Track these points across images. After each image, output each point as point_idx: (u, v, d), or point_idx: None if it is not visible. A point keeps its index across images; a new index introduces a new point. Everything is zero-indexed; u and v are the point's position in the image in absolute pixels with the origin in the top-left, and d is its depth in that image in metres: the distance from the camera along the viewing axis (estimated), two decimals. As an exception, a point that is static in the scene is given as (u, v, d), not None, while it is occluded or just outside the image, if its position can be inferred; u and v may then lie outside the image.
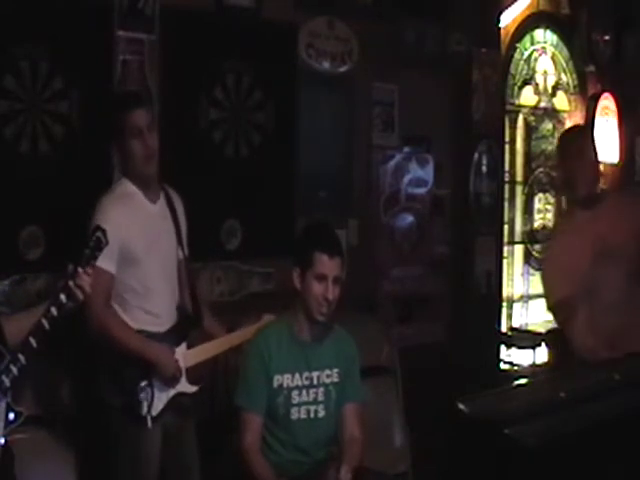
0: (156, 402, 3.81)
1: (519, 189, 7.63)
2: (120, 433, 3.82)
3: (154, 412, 3.80)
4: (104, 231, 3.16)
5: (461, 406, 1.92)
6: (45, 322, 3.05)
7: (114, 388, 3.76)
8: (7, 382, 3.03)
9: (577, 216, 4.43)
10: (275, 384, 3.84)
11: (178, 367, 3.89)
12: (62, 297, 3.07)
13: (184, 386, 3.95)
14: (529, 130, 7.69)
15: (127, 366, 3.74)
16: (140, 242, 3.81)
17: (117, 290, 3.80)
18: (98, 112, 4.38)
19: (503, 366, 7.03)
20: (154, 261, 3.88)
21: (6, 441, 3.09)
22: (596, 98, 7.98)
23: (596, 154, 4.46)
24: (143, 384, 3.77)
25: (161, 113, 4.57)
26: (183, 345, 3.95)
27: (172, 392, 3.89)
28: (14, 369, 3.04)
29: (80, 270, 3.08)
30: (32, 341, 3.04)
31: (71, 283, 3.07)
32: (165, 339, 3.89)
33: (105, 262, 3.57)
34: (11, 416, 3.08)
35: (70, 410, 3.95)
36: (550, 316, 7.50)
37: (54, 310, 3.06)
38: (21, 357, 3.03)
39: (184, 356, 3.94)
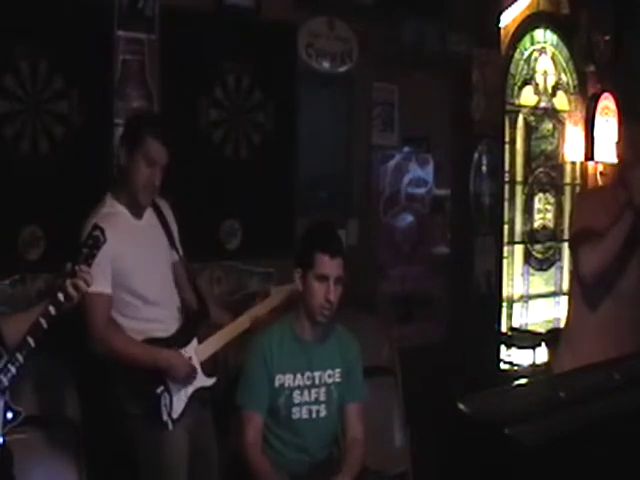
0: (176, 404, 3.82)
1: (519, 189, 7.63)
2: (143, 441, 3.82)
3: (175, 414, 3.81)
4: (102, 229, 3.16)
5: (461, 406, 1.92)
6: (43, 321, 3.06)
7: (131, 397, 3.76)
8: (5, 381, 3.05)
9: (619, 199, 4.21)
10: (277, 384, 3.84)
11: (192, 366, 3.89)
12: (60, 296, 3.08)
13: (202, 380, 3.95)
14: (529, 130, 7.69)
15: (142, 374, 3.74)
16: (131, 258, 3.80)
17: (117, 307, 3.79)
18: (99, 114, 4.41)
19: (503, 366, 7.03)
20: (148, 273, 3.87)
21: (4, 441, 3.10)
22: (596, 98, 7.98)
23: None
24: (160, 390, 3.78)
25: (161, 113, 4.58)
26: (194, 342, 3.95)
27: (191, 389, 3.90)
28: (12, 368, 3.05)
29: (78, 269, 3.09)
30: (30, 340, 3.05)
31: (69, 282, 3.08)
32: (174, 342, 3.90)
33: (100, 285, 3.57)
34: (9, 415, 3.09)
35: (73, 411, 3.94)
36: (551, 313, 7.58)
37: (52, 309, 3.07)
38: (19, 356, 3.05)
39: (197, 351, 3.95)
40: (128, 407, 3.78)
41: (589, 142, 7.94)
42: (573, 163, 8.14)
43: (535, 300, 7.77)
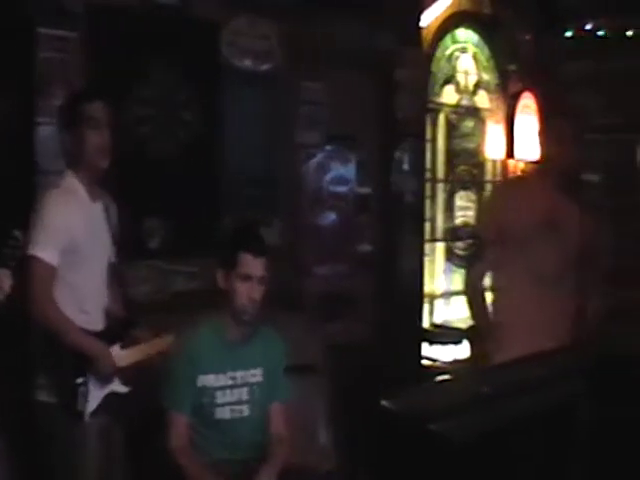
0: (91, 400, 3.80)
1: (440, 187, 7.71)
2: (57, 431, 3.79)
3: (89, 409, 3.79)
4: (23, 230, 3.14)
5: (385, 403, 1.93)
6: None
7: (49, 386, 3.74)
8: None
9: (543, 188, 4.38)
10: (199, 384, 3.84)
11: (115, 365, 3.88)
12: None
13: (117, 386, 3.94)
14: (450, 128, 7.76)
15: (63, 363, 3.72)
16: (82, 237, 3.80)
17: (56, 283, 3.77)
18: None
19: (426, 362, 7.09)
20: (92, 259, 3.88)
21: None
22: (517, 96, 8.08)
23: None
24: (80, 381, 3.76)
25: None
26: (116, 346, 3.94)
27: (106, 391, 3.89)
28: None
29: None
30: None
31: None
32: (100, 339, 3.88)
33: (47, 254, 3.63)
34: None
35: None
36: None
37: None
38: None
39: (118, 356, 3.94)
40: (44, 395, 3.76)
41: (510, 140, 8.04)
42: (494, 161, 8.24)
43: (457, 297, 7.84)
